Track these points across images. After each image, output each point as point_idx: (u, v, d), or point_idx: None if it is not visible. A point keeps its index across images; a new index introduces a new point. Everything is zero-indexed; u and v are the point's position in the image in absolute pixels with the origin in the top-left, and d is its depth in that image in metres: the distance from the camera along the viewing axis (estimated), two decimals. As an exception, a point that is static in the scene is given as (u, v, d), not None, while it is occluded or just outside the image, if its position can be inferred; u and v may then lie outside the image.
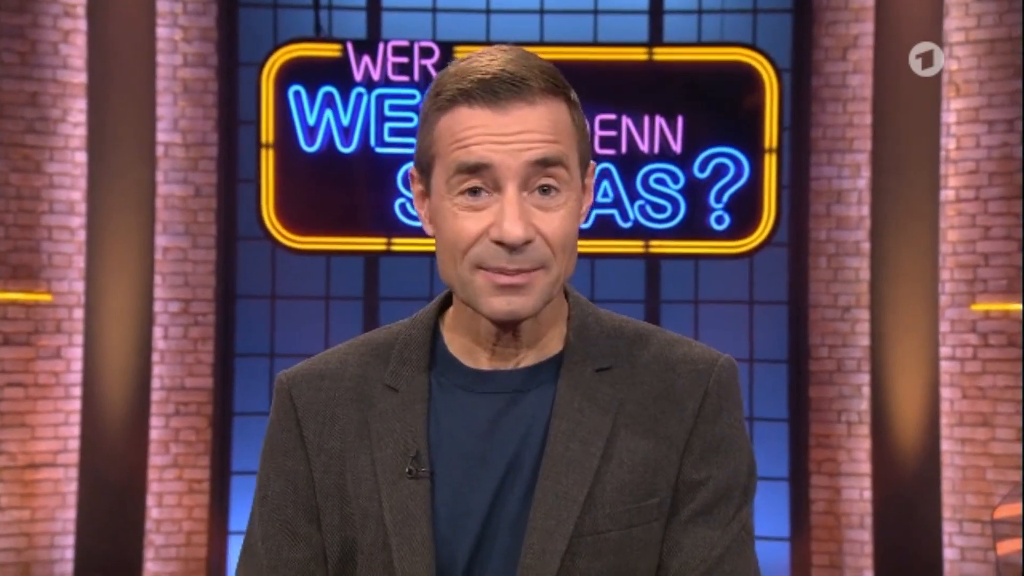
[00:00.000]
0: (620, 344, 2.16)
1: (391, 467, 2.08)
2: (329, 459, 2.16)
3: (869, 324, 11.13)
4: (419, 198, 2.12)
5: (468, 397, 2.15)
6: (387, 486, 2.09)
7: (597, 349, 2.14)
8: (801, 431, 11.55)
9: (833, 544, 11.45)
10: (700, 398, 2.08)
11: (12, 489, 11.00)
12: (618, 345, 2.16)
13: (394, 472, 2.09)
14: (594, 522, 2.01)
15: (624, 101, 11.25)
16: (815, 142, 11.45)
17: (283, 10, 11.74)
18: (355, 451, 2.14)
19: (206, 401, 11.44)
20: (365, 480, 2.11)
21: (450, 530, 2.08)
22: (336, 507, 2.14)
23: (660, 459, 2.05)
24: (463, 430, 2.12)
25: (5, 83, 11.11)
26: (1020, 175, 11.21)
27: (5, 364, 11.10)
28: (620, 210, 11.10)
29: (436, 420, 2.13)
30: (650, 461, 2.05)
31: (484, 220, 1.92)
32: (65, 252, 11.18)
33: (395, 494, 2.09)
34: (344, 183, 11.25)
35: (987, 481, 11.00)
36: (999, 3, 11.22)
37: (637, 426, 2.09)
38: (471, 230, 1.95)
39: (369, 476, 2.11)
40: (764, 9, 11.72)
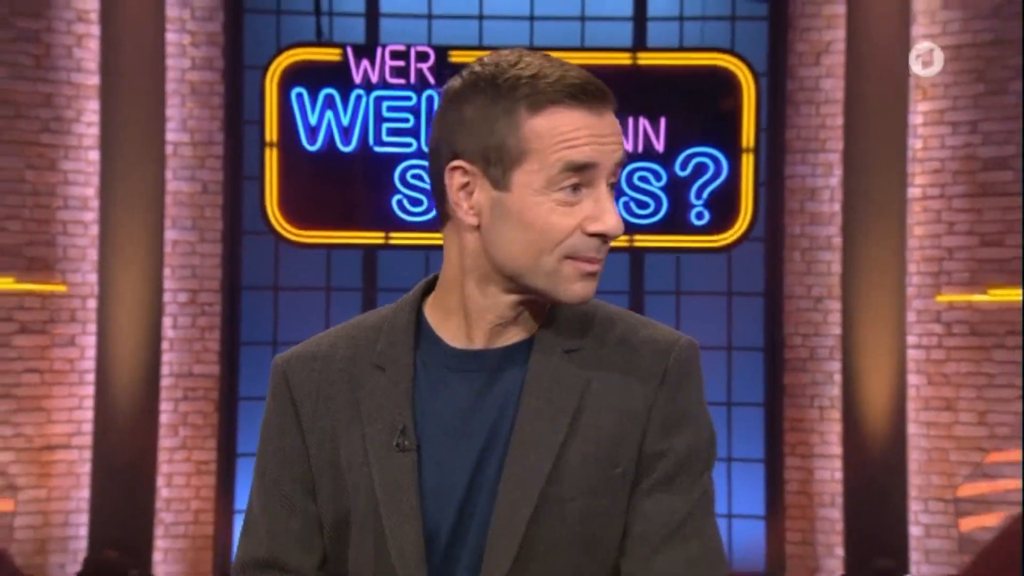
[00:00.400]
0: (589, 327, 2.22)
1: (380, 442, 2.15)
2: (323, 436, 2.23)
3: (840, 314, 11.34)
4: (462, 189, 2.13)
5: (450, 376, 2.22)
6: (377, 459, 2.15)
7: (567, 332, 2.20)
8: (776, 415, 11.69)
9: (805, 522, 11.59)
10: (661, 375, 2.15)
11: (29, 470, 11.11)
12: (587, 328, 2.21)
13: (383, 446, 2.15)
14: (559, 492, 2.08)
15: (617, 101, 11.54)
16: (790, 142, 11.60)
17: (286, 16, 11.80)
18: (347, 427, 2.21)
19: (213, 387, 11.57)
20: (357, 454, 2.18)
21: (435, 499, 2.16)
22: (330, 480, 2.22)
23: (624, 433, 2.12)
24: (446, 406, 2.19)
25: (21, 84, 11.15)
26: (982, 174, 11.34)
27: (22, 351, 11.19)
28: None
29: (421, 397, 2.20)
30: (614, 435, 2.11)
31: (577, 215, 2.01)
32: (79, 245, 11.28)
33: (385, 467, 2.15)
34: (344, 180, 11.37)
35: (951, 462, 11.20)
36: (963, 11, 11.32)
37: (602, 403, 2.15)
38: (568, 224, 2.02)
39: (360, 450, 2.18)
40: (742, 16, 11.85)
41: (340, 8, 11.83)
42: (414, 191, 11.21)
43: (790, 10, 11.68)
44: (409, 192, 11.24)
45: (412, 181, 11.16)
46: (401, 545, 2.11)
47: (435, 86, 11.31)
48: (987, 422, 11.23)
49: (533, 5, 11.94)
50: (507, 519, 2.06)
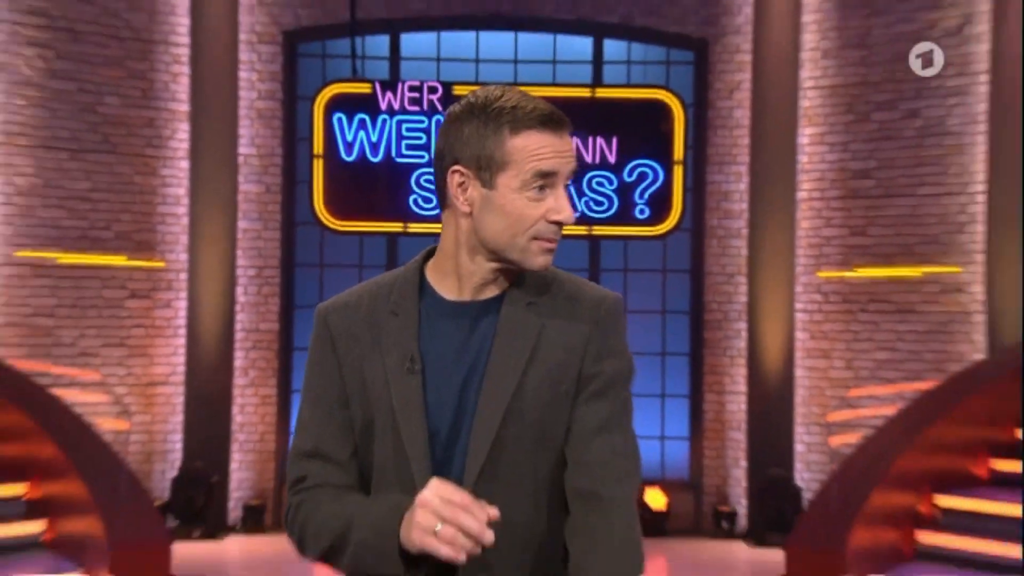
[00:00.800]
0: (545, 287, 2.36)
1: (396, 367, 2.29)
2: (352, 363, 2.36)
3: (746, 286, 11.81)
4: (460, 189, 2.30)
5: (445, 320, 2.36)
6: (393, 380, 2.29)
7: (529, 290, 2.35)
8: (697, 362, 12.08)
9: (718, 442, 12.01)
10: (595, 320, 2.34)
11: (138, 401, 11.49)
12: (543, 287, 2.36)
13: (398, 370, 2.29)
14: (520, 405, 2.26)
15: (575, 125, 11.61)
16: (709, 157, 11.90)
17: (329, 59, 11.98)
18: (370, 357, 2.34)
19: (274, 339, 11.88)
20: (378, 376, 2.31)
21: (435, 409, 2.31)
22: (359, 395, 2.33)
23: (568, 361, 2.30)
24: (442, 342, 2.34)
25: (131, 111, 11.46)
26: (851, 182, 11.79)
27: (132, 311, 11.57)
28: (572, 204, 11.62)
29: (424, 335, 2.33)
30: (561, 363, 2.29)
31: (542, 208, 2.21)
32: (173, 232, 11.62)
33: (399, 385, 2.29)
34: (372, 183, 11.39)
35: (826, 396, 11.68)
36: (838, 60, 11.74)
37: (553, 341, 2.32)
38: (535, 214, 2.22)
39: (381, 374, 2.32)
40: (674, 61, 12.09)
41: (370, 53, 11.85)
42: (426, 192, 11.33)
43: (710, 57, 11.94)
44: (422, 192, 11.38)
45: (425, 184, 11.28)
46: (412, 442, 2.27)
47: (442, 112, 11.34)
48: (853, 367, 11.68)
49: (516, 51, 12.10)
50: (484, 424, 2.26)
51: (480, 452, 2.23)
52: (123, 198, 11.52)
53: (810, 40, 11.75)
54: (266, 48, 11.80)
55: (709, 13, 11.98)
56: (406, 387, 2.25)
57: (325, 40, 12.04)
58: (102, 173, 11.45)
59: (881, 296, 11.71)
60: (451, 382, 2.28)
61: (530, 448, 2.26)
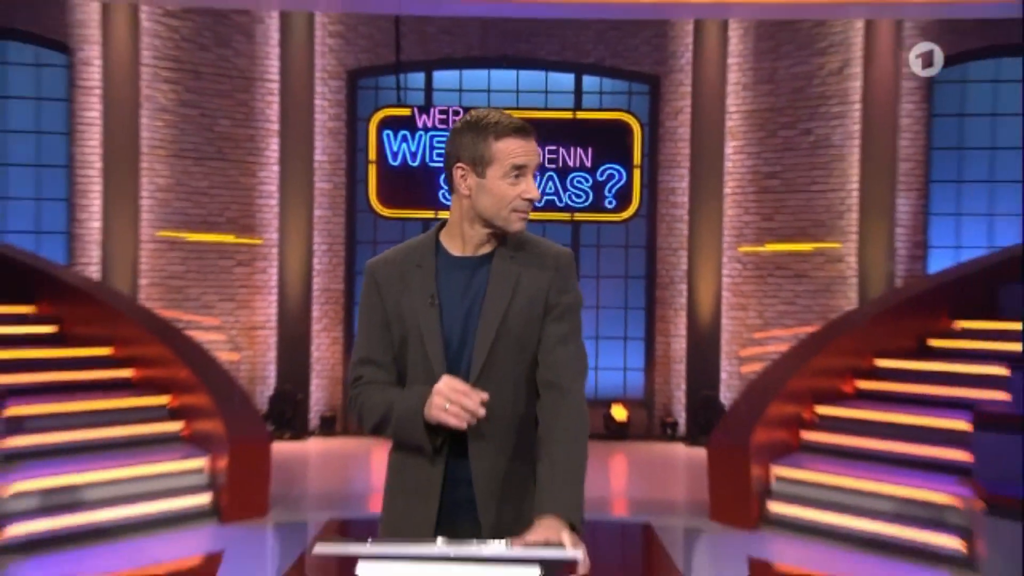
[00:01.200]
0: (521, 245, 2.49)
1: (421, 302, 2.45)
2: (392, 300, 2.50)
3: (687, 258, 11.93)
4: (462, 179, 2.44)
5: (454, 270, 2.49)
6: (420, 311, 2.45)
7: (510, 248, 2.49)
8: (651, 314, 12.24)
9: (665, 371, 12.18)
10: (555, 267, 2.50)
11: (244, 340, 11.79)
12: (520, 245, 2.49)
13: (423, 304, 2.45)
14: (507, 324, 2.43)
15: (561, 139, 11.52)
16: (660, 163, 12.02)
17: (380, 90, 12.07)
18: (404, 296, 2.48)
19: (340, 296, 12.10)
20: (410, 309, 2.46)
21: (449, 330, 2.47)
22: (396, 322, 2.48)
23: (538, 296, 2.46)
24: (452, 285, 2.48)
25: (239, 129, 11.68)
26: (763, 181, 11.92)
27: (239, 275, 11.81)
28: (558, 197, 11.54)
29: (439, 280, 2.47)
30: (533, 297, 2.45)
31: (518, 189, 2.36)
32: (267, 218, 11.87)
33: (423, 314, 2.45)
34: (412, 182, 11.43)
35: (742, 338, 11.94)
36: (754, 91, 11.86)
37: (527, 283, 2.47)
38: (513, 194, 2.38)
39: (411, 307, 2.47)
40: (634, 92, 12.18)
41: (410, 86, 11.97)
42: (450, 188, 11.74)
43: (660, 89, 12.02)
44: (448, 188, 11.83)
45: None
46: (433, 351, 2.46)
47: None
48: (762, 316, 11.90)
49: (518, 84, 12.17)
50: (483, 338, 2.44)
51: (480, 357, 2.41)
52: (231, 193, 11.78)
53: (733, 77, 11.87)
54: (334, 83, 11.95)
55: (660, 56, 12.00)
56: (428, 315, 2.44)
57: (377, 76, 12.10)
58: (216, 175, 11.72)
59: (783, 265, 11.86)
60: (459, 311, 2.45)
61: (513, 354, 2.44)
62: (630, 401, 12.02)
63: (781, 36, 11.63)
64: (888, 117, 11.24)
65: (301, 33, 11.58)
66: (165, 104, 11.38)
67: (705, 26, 11.55)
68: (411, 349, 2.46)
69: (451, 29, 11.79)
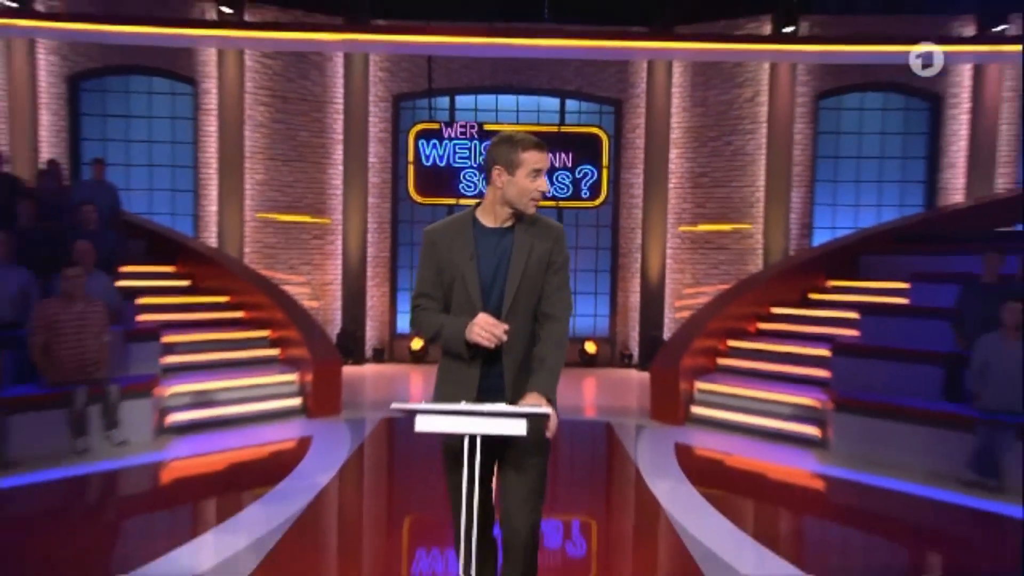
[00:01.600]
0: (533, 221, 2.50)
1: (464, 258, 2.45)
2: (442, 255, 2.49)
3: (641, 235, 11.75)
4: (498, 176, 2.42)
5: (487, 236, 2.49)
6: (463, 263, 2.46)
7: (526, 223, 2.50)
8: (615, 276, 12.05)
9: (624, 318, 12.07)
10: (555, 238, 2.51)
11: (320, 293, 11.64)
12: (533, 222, 2.49)
13: (465, 259, 2.46)
14: (526, 274, 2.45)
15: (551, 146, 11.83)
16: (622, 164, 11.84)
17: (416, 110, 11.88)
18: (452, 253, 2.48)
19: (387, 261, 11.97)
20: (456, 262, 2.46)
21: (484, 279, 2.47)
22: (447, 270, 2.47)
23: (544, 257, 2.48)
24: (486, 246, 2.48)
25: (313, 138, 11.59)
26: (698, 179, 11.68)
27: (316, 246, 11.73)
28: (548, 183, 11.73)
29: (477, 243, 2.48)
30: (541, 257, 2.47)
31: (535, 184, 2.40)
32: (334, 204, 11.77)
33: (466, 266, 2.46)
34: (440, 178, 11.38)
35: (679, 294, 11.78)
36: (690, 112, 11.67)
37: (537, 248, 2.48)
38: (532, 187, 2.42)
39: (457, 261, 2.47)
40: (604, 112, 11.92)
41: (439, 106, 11.93)
42: (468, 182, 11.35)
43: (623, 110, 11.79)
44: (466, 182, 11.37)
45: (467, 178, 11.34)
46: (473, 294, 2.48)
47: (478, 139, 11.28)
48: (694, 278, 11.85)
49: (518, 105, 11.98)
50: (510, 286, 2.47)
51: (509, 297, 2.49)
52: (309, 186, 11.74)
53: (675, 102, 11.71)
54: (382, 104, 11.80)
55: (622, 86, 11.81)
56: (469, 267, 2.50)
57: (414, 100, 11.90)
58: (298, 172, 11.68)
59: (710, 240, 11.84)
60: (490, 265, 2.50)
61: (528, 296, 2.52)
62: (598, 339, 11.96)
63: (710, 72, 11.61)
64: (785, 133, 11.26)
65: (359, 68, 11.49)
66: (262, 121, 11.44)
67: (655, 65, 11.48)
68: (456, 290, 2.51)
69: (469, 65, 11.66)
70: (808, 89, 11.51)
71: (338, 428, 7.19)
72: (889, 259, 9.04)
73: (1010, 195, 10.00)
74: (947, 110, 11.38)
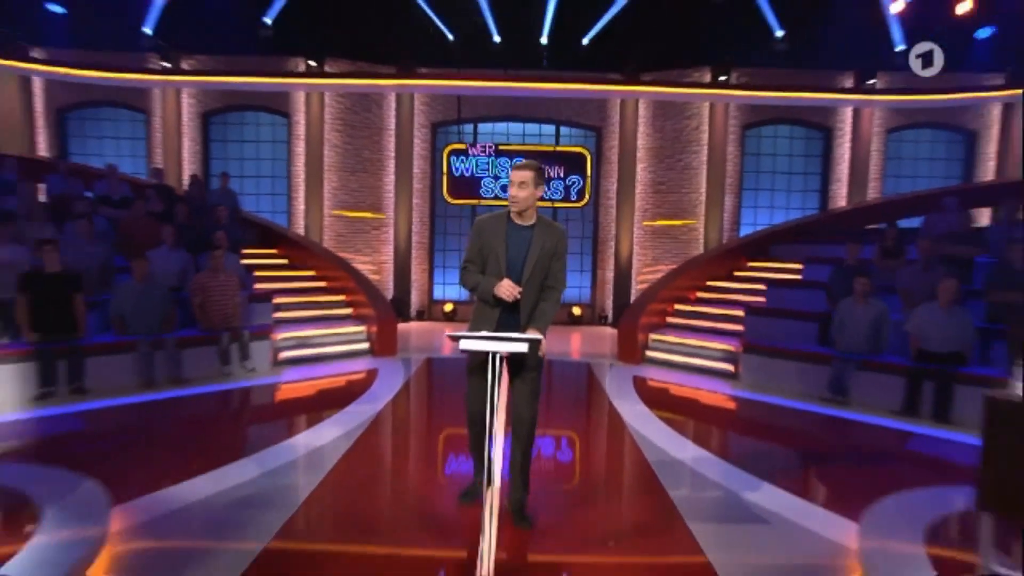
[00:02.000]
0: (546, 223, 2.51)
1: (499, 243, 2.48)
2: (485, 240, 2.52)
3: (615, 228, 11.55)
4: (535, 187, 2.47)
5: (516, 231, 2.53)
6: (497, 246, 2.50)
7: (541, 223, 2.52)
8: (595, 258, 11.88)
9: (602, 289, 11.92)
10: (560, 235, 2.56)
11: (377, 270, 11.61)
12: (546, 223, 2.51)
13: (500, 243, 2.49)
14: (540, 260, 2.50)
15: (547, 161, 11.23)
16: (601, 175, 11.65)
17: (449, 134, 11.70)
18: (491, 239, 2.53)
19: (427, 246, 11.85)
20: (492, 245, 2.51)
21: (511, 258, 2.51)
22: (486, 250, 2.50)
23: (551, 248, 2.53)
24: (514, 237, 2.52)
25: (373, 156, 11.56)
26: (659, 187, 11.50)
27: (374, 234, 11.69)
28: (546, 194, 10.85)
29: (507, 234, 2.52)
30: (549, 249, 2.52)
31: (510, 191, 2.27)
32: (388, 203, 11.67)
33: (499, 248, 2.49)
34: (465, 185, 11.36)
35: (641, 272, 11.67)
36: (651, 136, 11.48)
37: (548, 242, 2.52)
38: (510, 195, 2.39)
39: (493, 244, 2.51)
40: (588, 135, 11.69)
41: (466, 131, 11.72)
42: (486, 187, 11.28)
43: (602, 134, 11.62)
44: (485, 187, 11.31)
45: (485, 185, 11.29)
46: (501, 265, 2.55)
47: (493, 156, 11.20)
48: (653, 259, 11.69)
49: (524, 130, 11.71)
50: (529, 265, 2.52)
51: (527, 272, 2.58)
52: (370, 190, 11.73)
53: (641, 129, 11.60)
54: (423, 130, 11.70)
55: (601, 116, 11.64)
56: (501, 249, 2.58)
57: (448, 126, 11.72)
58: (362, 181, 11.68)
59: (665, 232, 11.76)
60: (516, 250, 2.59)
61: (539, 273, 2.62)
62: (582, 304, 11.92)
63: (667, 107, 11.63)
64: (720, 154, 11.38)
65: (406, 103, 11.45)
66: (336, 143, 11.51)
67: (626, 102, 11.40)
68: (490, 262, 2.66)
69: (488, 101, 11.56)
70: (737, 121, 11.60)
71: (394, 364, 7.29)
72: (790, 247, 9.17)
73: (875, 202, 10.18)
74: (835, 139, 11.55)
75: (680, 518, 3.26)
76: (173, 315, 6.13)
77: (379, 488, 3.65)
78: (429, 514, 3.26)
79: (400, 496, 3.55)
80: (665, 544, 2.98)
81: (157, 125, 11.19)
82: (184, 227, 7.31)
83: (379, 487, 3.67)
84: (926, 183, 11.28)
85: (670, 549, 2.93)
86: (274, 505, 3.31)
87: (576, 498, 3.57)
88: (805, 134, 11.66)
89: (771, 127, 11.67)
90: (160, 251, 6.61)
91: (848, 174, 11.45)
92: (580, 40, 10.86)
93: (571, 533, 3.03)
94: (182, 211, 7.61)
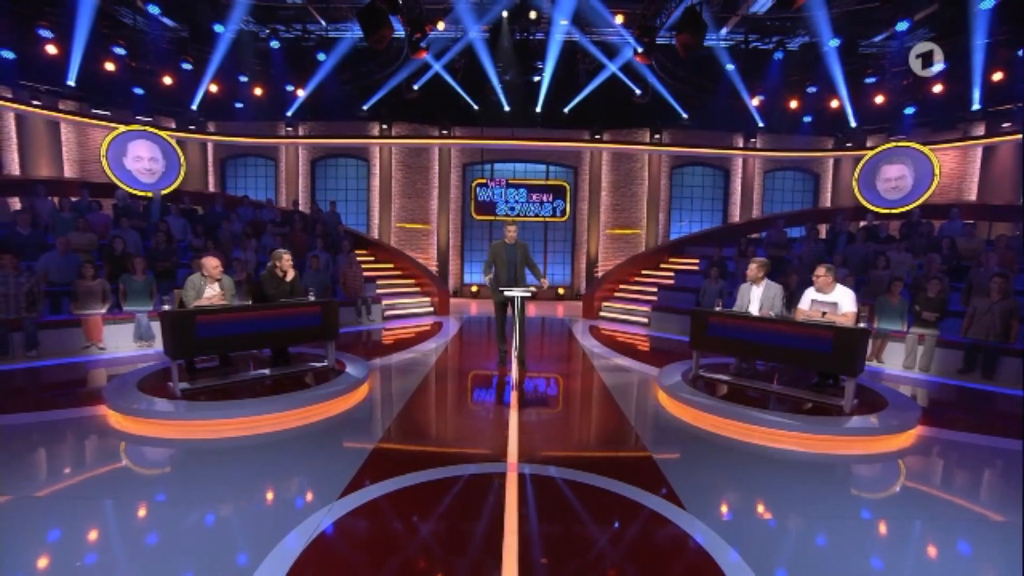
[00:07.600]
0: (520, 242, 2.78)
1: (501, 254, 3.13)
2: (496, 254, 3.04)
3: (587, 236, 13.14)
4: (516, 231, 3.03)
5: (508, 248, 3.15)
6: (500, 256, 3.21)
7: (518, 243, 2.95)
8: (573, 255, 13.38)
9: (577, 275, 13.46)
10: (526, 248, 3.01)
11: (425, 264, 12.45)
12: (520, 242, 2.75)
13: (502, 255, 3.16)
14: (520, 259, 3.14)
15: (539, 190, 12.78)
16: (577, 199, 13.22)
17: (475, 172, 13.22)
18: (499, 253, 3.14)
19: (459, 247, 13.33)
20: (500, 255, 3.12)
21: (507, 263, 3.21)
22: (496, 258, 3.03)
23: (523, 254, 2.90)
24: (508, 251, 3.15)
25: (424, 188, 13.10)
26: (619, 208, 13.00)
27: (424, 240, 13.24)
28: (539, 213, 12.67)
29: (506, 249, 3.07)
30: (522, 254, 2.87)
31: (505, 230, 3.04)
32: (432, 218, 13.27)
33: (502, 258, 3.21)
34: (486, 206, 12.91)
35: (603, 266, 13.02)
36: (612, 175, 13.12)
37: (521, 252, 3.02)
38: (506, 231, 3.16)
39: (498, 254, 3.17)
40: (568, 172, 13.18)
41: (486, 170, 13.26)
42: (500, 209, 12.81)
43: (578, 172, 13.17)
44: (500, 209, 12.82)
45: (500, 206, 12.77)
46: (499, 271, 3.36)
47: (506, 187, 12.66)
48: (610, 256, 13.25)
49: (526, 169, 13.21)
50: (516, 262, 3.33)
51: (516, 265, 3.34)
52: (420, 210, 13.38)
53: (604, 169, 13.24)
54: (457, 169, 13.27)
55: (578, 160, 13.14)
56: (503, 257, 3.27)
57: (474, 166, 13.20)
58: (414, 203, 13.31)
59: (619, 238, 13.43)
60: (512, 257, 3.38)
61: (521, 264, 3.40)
62: (565, 286, 13.48)
63: (621, 155, 13.29)
64: (657, 186, 13.17)
65: (446, 151, 12.99)
66: (399, 178, 13.25)
67: (594, 152, 12.95)
68: (497, 264, 3.42)
69: (500, 150, 12.96)
70: (667, 164, 13.32)
71: (450, 320, 8.94)
72: (698, 248, 10.87)
73: (756, 220, 11.80)
74: (732, 176, 13.44)
75: (607, 388, 4.79)
76: (332, 288, 8.36)
77: (461, 372, 5.17)
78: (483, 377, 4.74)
79: (465, 376, 5.01)
80: (599, 405, 4.38)
81: (282, 168, 13.18)
82: (322, 237, 9.19)
83: (461, 372, 5.18)
84: (790, 206, 13.29)
85: (600, 410, 4.22)
86: (413, 370, 4.89)
87: (554, 378, 4.99)
88: (712, 172, 13.43)
89: (690, 168, 13.47)
90: (317, 251, 8.79)
91: (740, 199, 13.24)
92: (563, 109, 12.29)
93: (554, 399, 4.24)
94: (320, 229, 9.59)
